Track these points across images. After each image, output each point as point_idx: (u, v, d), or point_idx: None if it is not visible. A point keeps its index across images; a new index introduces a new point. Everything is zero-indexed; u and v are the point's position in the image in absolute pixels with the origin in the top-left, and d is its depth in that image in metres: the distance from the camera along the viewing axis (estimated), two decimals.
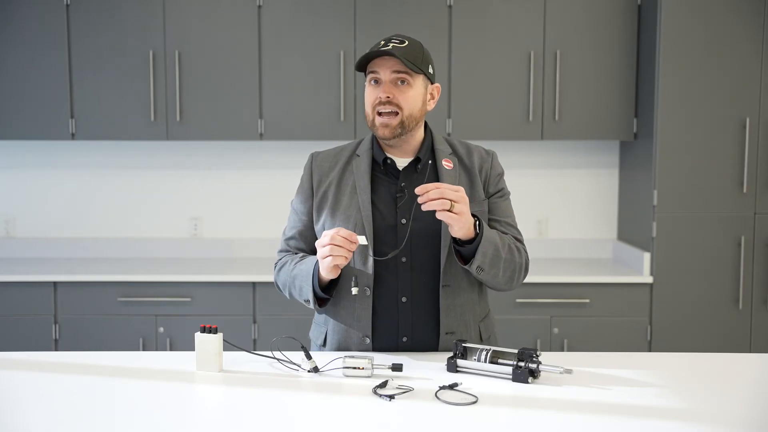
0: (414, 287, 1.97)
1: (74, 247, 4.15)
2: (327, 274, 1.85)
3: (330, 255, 1.80)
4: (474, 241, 1.88)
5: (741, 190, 3.56)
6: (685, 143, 3.56)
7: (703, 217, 3.58)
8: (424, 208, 1.81)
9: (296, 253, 2.08)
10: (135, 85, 3.79)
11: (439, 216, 1.81)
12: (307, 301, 1.97)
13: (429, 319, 1.99)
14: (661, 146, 3.55)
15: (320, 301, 1.97)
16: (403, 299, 1.97)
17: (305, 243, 2.08)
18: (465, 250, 1.89)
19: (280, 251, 2.13)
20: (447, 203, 1.78)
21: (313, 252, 2.05)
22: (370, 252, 1.93)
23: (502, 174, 2.10)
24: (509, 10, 3.77)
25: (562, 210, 4.20)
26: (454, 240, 1.91)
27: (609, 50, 3.79)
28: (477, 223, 1.89)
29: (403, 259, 1.96)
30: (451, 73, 3.79)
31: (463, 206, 1.81)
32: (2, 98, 3.78)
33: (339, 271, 1.86)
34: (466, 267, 1.91)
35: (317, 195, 2.04)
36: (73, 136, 3.82)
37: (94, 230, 4.19)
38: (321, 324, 2.07)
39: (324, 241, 1.82)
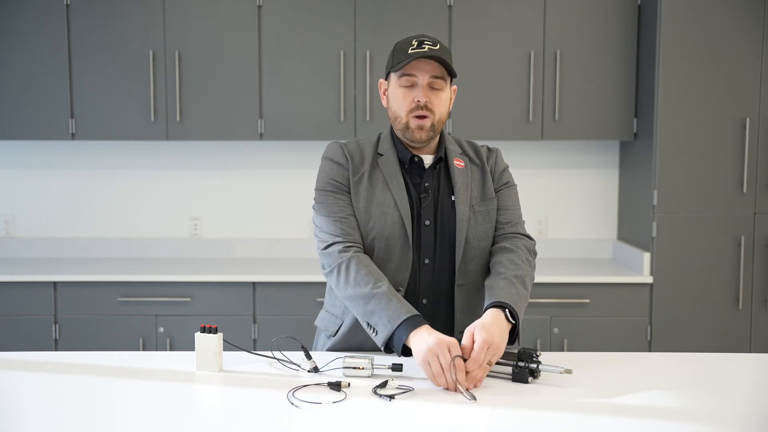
0: (434, 289, 1.97)
1: (74, 247, 4.15)
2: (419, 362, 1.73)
3: (436, 378, 1.70)
4: (515, 334, 1.84)
5: (741, 190, 3.56)
6: (685, 143, 3.56)
7: (703, 217, 3.58)
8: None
9: (354, 245, 1.93)
10: (135, 85, 3.79)
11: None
12: (373, 331, 1.83)
13: (446, 319, 1.98)
14: (661, 146, 3.55)
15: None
16: (424, 301, 1.97)
17: (356, 221, 1.96)
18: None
19: (340, 240, 1.93)
20: (485, 370, 1.73)
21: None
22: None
23: (506, 168, 2.11)
24: (509, 10, 3.77)
25: (562, 210, 4.20)
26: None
27: (609, 50, 3.79)
28: (508, 312, 1.82)
29: (426, 261, 1.96)
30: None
31: (494, 356, 1.73)
32: (2, 98, 3.78)
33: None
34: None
35: (354, 178, 1.97)
36: (73, 136, 3.82)
37: (94, 230, 4.19)
38: (337, 315, 2.03)
39: (438, 368, 1.68)
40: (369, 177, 1.98)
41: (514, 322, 1.82)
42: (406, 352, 1.78)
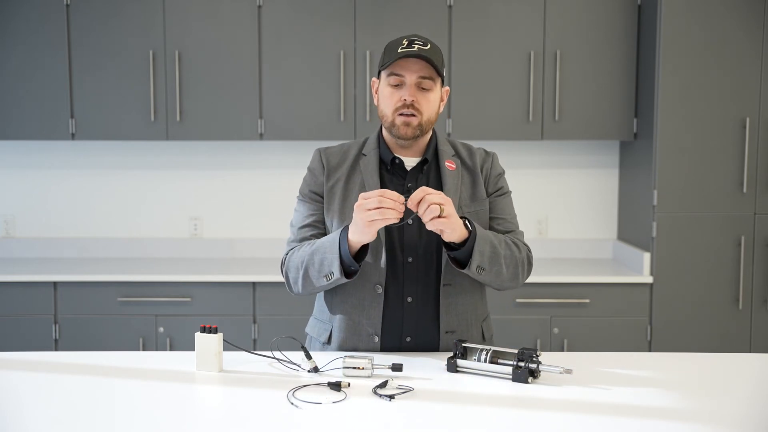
0: (419, 287, 1.98)
1: (74, 247, 4.15)
2: (369, 237, 1.82)
3: (378, 218, 1.76)
4: (468, 242, 1.87)
5: (741, 190, 3.56)
6: (685, 143, 3.56)
7: (703, 217, 3.58)
8: (423, 218, 1.80)
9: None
10: (135, 85, 3.79)
11: (430, 226, 1.80)
12: (330, 275, 1.88)
13: (432, 318, 1.99)
14: (661, 146, 3.55)
15: (348, 274, 1.89)
16: (409, 299, 1.98)
17: (324, 229, 2.03)
18: (461, 252, 1.88)
19: (291, 242, 2.04)
20: (437, 209, 1.78)
21: None
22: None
23: (502, 174, 2.11)
24: (509, 10, 3.77)
25: (562, 210, 4.20)
26: (448, 247, 1.89)
27: (609, 50, 3.79)
28: (466, 222, 1.89)
29: (410, 259, 1.97)
30: (451, 73, 3.79)
31: (450, 207, 1.80)
32: (2, 98, 3.78)
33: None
34: (465, 271, 1.89)
35: (327, 183, 2.03)
36: (73, 136, 3.82)
37: (94, 230, 4.19)
38: (325, 321, 2.06)
39: (370, 204, 1.77)
40: (346, 181, 2.02)
41: (470, 230, 1.87)
42: (359, 254, 1.88)
